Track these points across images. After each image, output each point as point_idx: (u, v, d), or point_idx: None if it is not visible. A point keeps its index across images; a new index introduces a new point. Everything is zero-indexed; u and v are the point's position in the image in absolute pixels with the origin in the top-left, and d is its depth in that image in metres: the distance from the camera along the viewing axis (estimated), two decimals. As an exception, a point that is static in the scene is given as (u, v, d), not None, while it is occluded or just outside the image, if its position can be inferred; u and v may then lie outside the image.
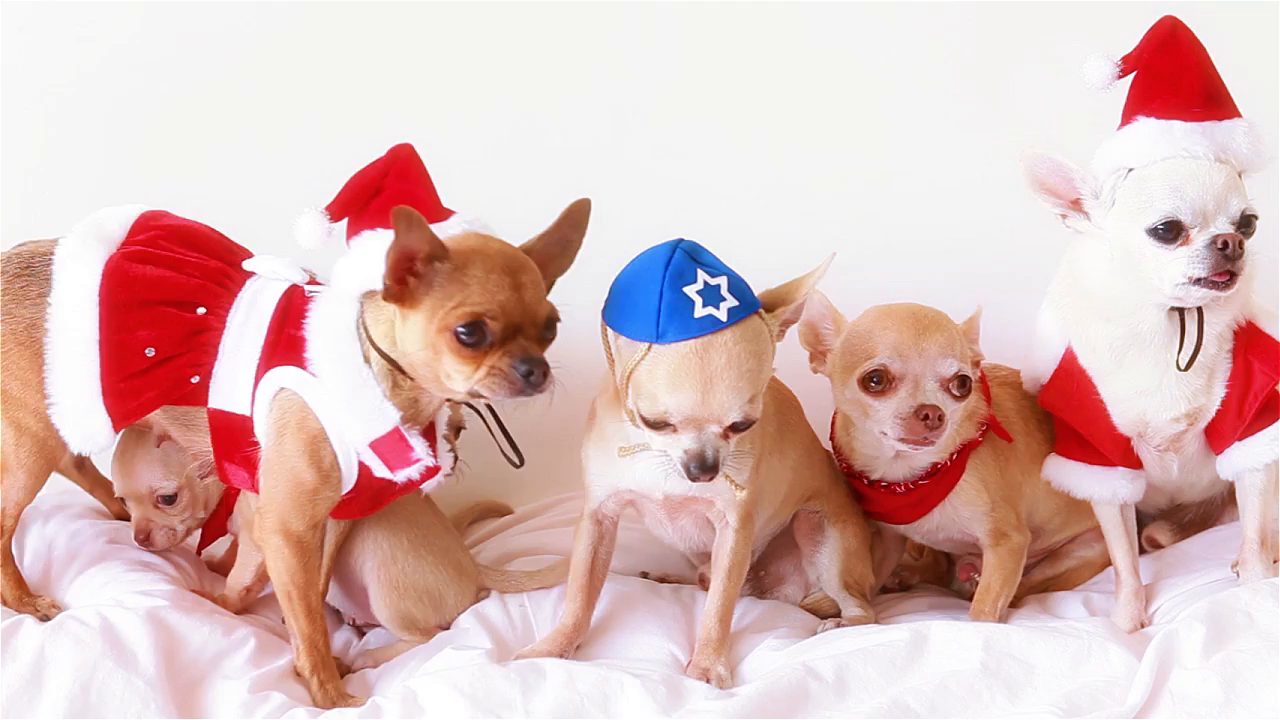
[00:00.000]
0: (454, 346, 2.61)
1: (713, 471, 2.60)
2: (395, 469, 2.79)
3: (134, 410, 2.86)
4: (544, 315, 2.67)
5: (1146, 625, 2.96)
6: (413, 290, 2.63)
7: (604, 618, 2.98)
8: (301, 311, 2.84)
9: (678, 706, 2.64)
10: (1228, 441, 2.95)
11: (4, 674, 2.64)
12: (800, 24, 3.87)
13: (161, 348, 2.83)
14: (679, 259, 2.60)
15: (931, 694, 2.63)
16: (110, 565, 3.05)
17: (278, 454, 2.79)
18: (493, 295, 2.61)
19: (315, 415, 2.76)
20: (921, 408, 2.82)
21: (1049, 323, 3.07)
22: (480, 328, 2.60)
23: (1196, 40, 2.88)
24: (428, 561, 3.05)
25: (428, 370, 2.68)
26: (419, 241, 2.58)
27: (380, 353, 2.75)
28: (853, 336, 2.93)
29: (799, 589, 3.20)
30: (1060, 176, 2.90)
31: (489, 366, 2.61)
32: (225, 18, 3.81)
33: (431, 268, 2.62)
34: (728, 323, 2.56)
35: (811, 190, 3.84)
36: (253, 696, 2.72)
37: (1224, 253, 2.73)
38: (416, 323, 2.65)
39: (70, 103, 3.80)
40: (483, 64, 3.84)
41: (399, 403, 2.76)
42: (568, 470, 3.02)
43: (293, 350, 2.80)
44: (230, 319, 2.86)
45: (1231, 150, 2.81)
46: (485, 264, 2.63)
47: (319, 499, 2.80)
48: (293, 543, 2.79)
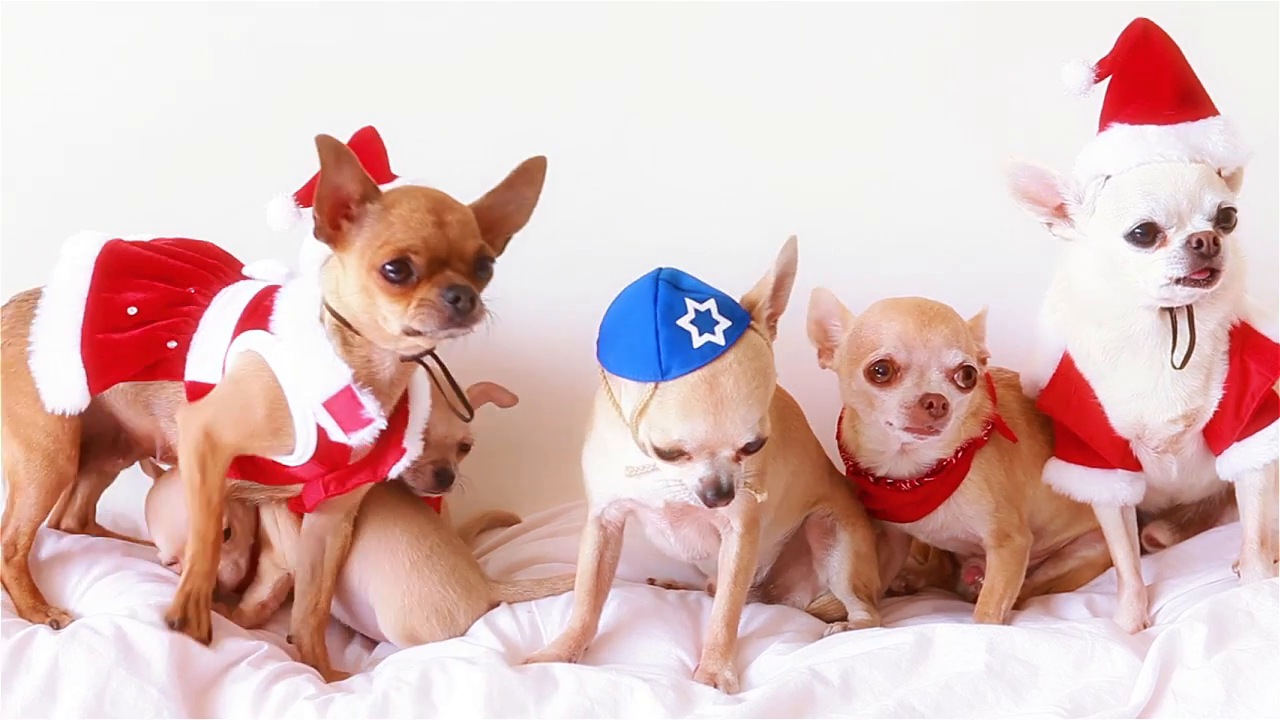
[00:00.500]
0: (383, 285, 2.66)
1: (729, 497, 2.61)
2: (349, 430, 2.82)
3: (110, 368, 2.93)
4: (472, 251, 2.72)
5: (1149, 626, 2.97)
6: (345, 233, 2.70)
7: (612, 623, 3.00)
8: (277, 290, 2.95)
9: (686, 711, 2.65)
10: (1226, 442, 2.96)
11: (19, 684, 2.66)
12: (802, 24, 3.88)
13: (144, 310, 2.93)
14: (665, 293, 2.60)
15: (937, 696, 2.63)
16: (125, 576, 3.06)
17: (234, 386, 2.86)
18: (415, 231, 2.66)
19: (274, 374, 2.82)
20: (926, 396, 2.84)
21: (1047, 327, 3.09)
22: (405, 264, 2.65)
23: (1169, 40, 2.90)
24: (434, 581, 3.05)
25: (366, 317, 2.73)
26: (348, 179, 2.66)
27: (331, 312, 2.81)
28: (859, 329, 2.95)
29: (806, 596, 3.21)
30: (1042, 184, 2.92)
31: (418, 300, 2.66)
32: (231, 27, 3.84)
33: (363, 209, 2.69)
34: (726, 345, 2.57)
35: (812, 191, 3.84)
36: (260, 695, 2.74)
37: (1200, 251, 2.75)
38: (351, 266, 2.71)
39: (72, 127, 3.82)
40: (482, 66, 3.85)
41: (351, 361, 2.80)
42: (574, 479, 3.02)
43: (261, 318, 2.88)
44: (215, 300, 2.96)
45: (1206, 150, 2.83)
46: (410, 203, 2.70)
47: (255, 439, 2.85)
48: (211, 442, 2.84)
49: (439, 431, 3.15)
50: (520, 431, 3.62)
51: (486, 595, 3.11)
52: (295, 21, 3.84)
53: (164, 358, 2.95)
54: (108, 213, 3.24)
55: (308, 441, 2.84)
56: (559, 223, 3.75)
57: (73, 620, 2.89)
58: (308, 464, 2.89)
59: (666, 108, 3.86)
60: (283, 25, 3.84)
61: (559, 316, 3.36)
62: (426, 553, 3.08)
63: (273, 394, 2.83)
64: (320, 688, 2.81)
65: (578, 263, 3.72)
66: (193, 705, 2.71)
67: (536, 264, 3.72)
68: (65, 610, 2.96)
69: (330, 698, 2.73)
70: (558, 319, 3.34)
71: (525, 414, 3.45)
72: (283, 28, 3.84)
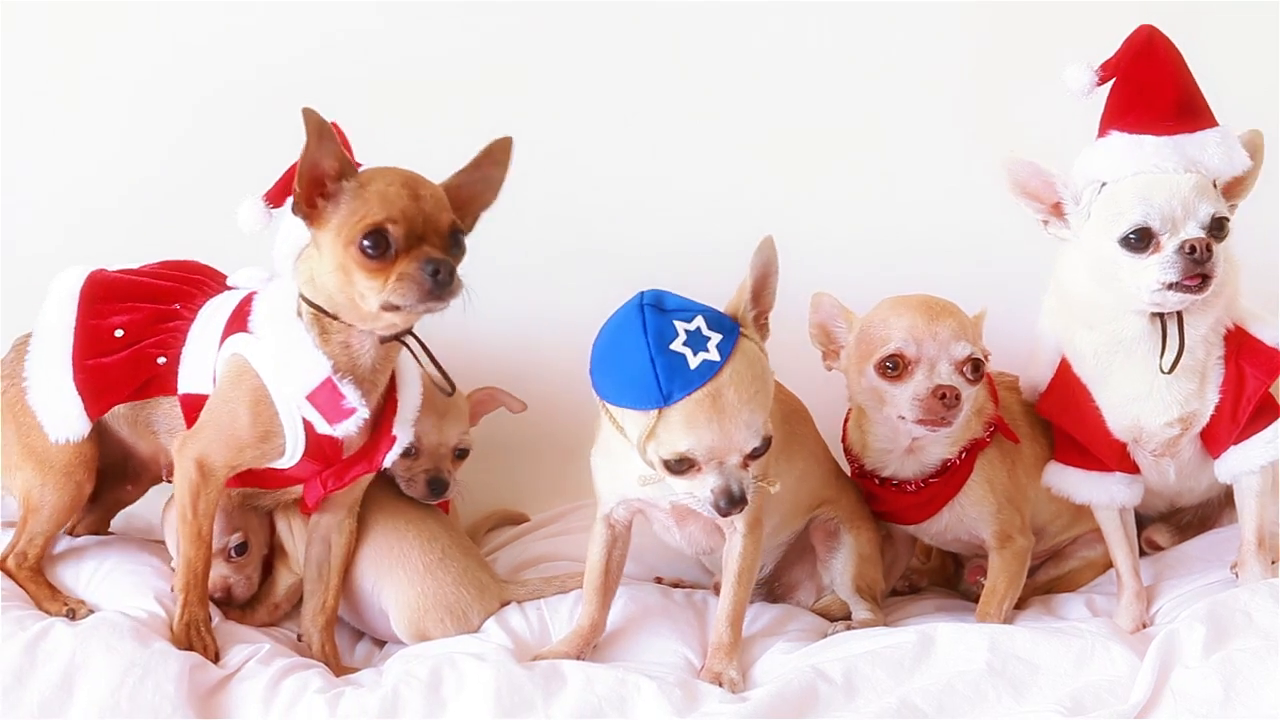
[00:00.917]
0: (361, 261, 2.69)
1: (742, 504, 2.62)
2: (333, 421, 2.84)
3: (104, 392, 2.96)
4: (446, 225, 2.75)
5: (1148, 625, 2.99)
6: (321, 210, 2.73)
7: (619, 622, 3.02)
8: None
9: (692, 709, 2.67)
10: (1224, 446, 2.98)
11: (35, 678, 2.67)
12: (805, 25, 3.88)
13: (131, 331, 2.96)
14: (652, 319, 2.60)
15: (939, 694, 2.65)
16: (140, 570, 3.09)
17: (221, 400, 2.88)
18: (393, 205, 2.69)
19: (257, 373, 2.85)
20: (939, 388, 2.86)
21: (1045, 332, 3.11)
22: (383, 237, 2.68)
23: (1173, 48, 2.91)
24: (448, 583, 3.06)
25: (343, 296, 2.75)
26: (328, 155, 2.69)
27: (307, 302, 2.83)
28: (867, 326, 2.97)
29: (810, 595, 3.23)
30: (1040, 180, 2.94)
31: (397, 274, 2.68)
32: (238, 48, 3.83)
33: (339, 186, 2.72)
34: (722, 360, 2.58)
35: (812, 195, 3.85)
36: (270, 690, 2.76)
37: (1193, 257, 2.78)
38: (327, 245, 2.74)
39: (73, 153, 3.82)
40: (481, 69, 3.84)
41: (330, 351, 2.83)
42: (581, 478, 3.04)
43: (244, 321, 2.91)
44: (201, 312, 2.99)
45: (1202, 162, 2.86)
46: (385, 179, 2.73)
47: (245, 451, 2.87)
48: (204, 472, 2.87)
49: (430, 439, 3.16)
50: (528, 431, 3.61)
51: (498, 595, 3.13)
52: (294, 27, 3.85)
53: (155, 374, 2.97)
54: (113, 249, 3.25)
55: (297, 440, 2.86)
56: (569, 222, 3.81)
57: (89, 610, 2.93)
58: (302, 463, 2.91)
59: (668, 111, 3.87)
60: (282, 25, 3.84)
61: (567, 315, 3.36)
62: (439, 556, 3.09)
63: (258, 394, 2.84)
64: (329, 681, 2.82)
65: (586, 262, 3.73)
66: (203, 705, 2.73)
67: (546, 263, 3.78)
68: (81, 600, 2.98)
69: (340, 691, 2.74)
70: (566, 318, 3.35)
71: (533, 413, 3.45)
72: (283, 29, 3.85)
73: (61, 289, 3.04)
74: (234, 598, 3.13)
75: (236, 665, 2.83)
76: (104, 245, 3.33)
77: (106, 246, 3.29)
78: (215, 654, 2.85)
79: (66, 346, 2.97)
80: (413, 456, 3.16)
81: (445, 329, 2.93)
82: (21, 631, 2.76)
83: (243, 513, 3.15)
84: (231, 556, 3.12)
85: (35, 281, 3.12)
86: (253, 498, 3.13)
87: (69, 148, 3.79)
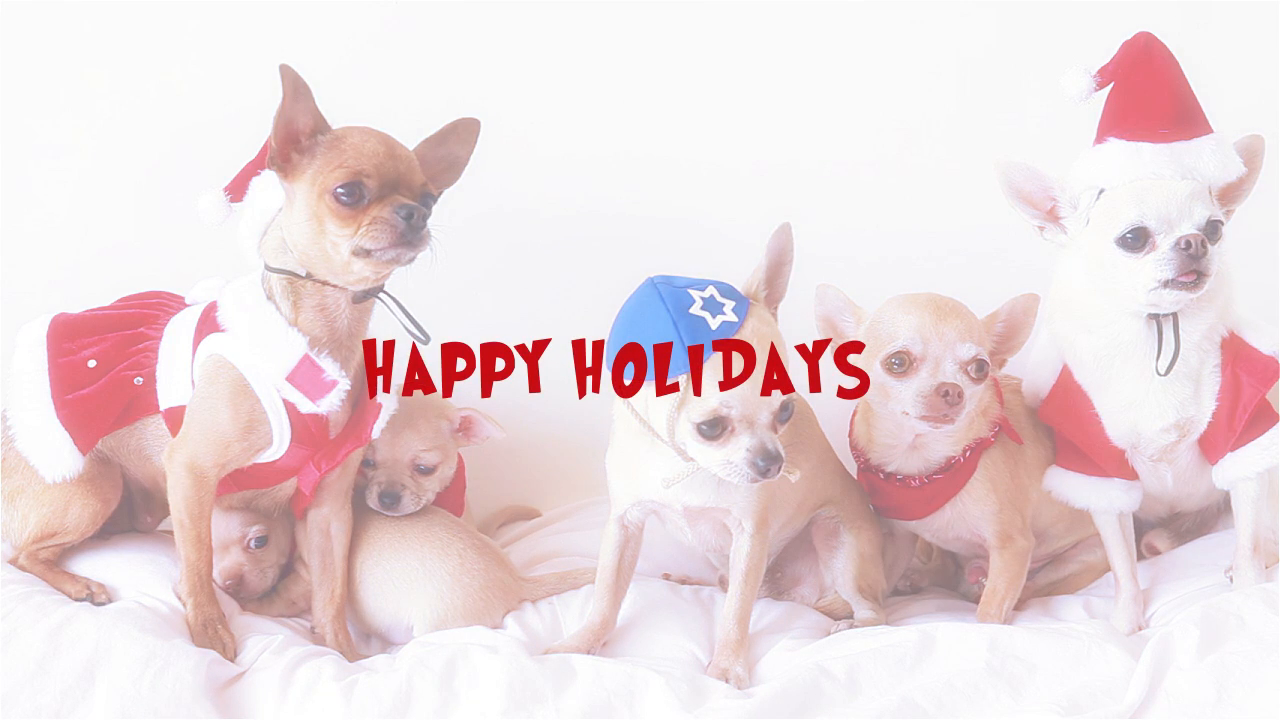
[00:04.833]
0: (334, 209, 2.75)
1: (778, 461, 2.64)
2: (315, 397, 2.87)
3: (89, 423, 2.98)
4: (419, 183, 2.81)
5: (1144, 628, 3.03)
6: (295, 164, 2.79)
7: (628, 618, 3.05)
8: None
9: (699, 704, 2.70)
10: (1221, 452, 3.02)
11: (58, 665, 2.71)
12: (809, 26, 3.89)
13: (103, 360, 3.00)
14: (667, 292, 2.65)
15: (939, 692, 2.69)
16: (159, 559, 3.12)
17: (201, 399, 2.91)
18: (369, 157, 2.76)
19: (234, 366, 2.88)
20: (942, 385, 2.89)
21: (1046, 339, 3.15)
22: (358, 186, 2.75)
23: (1169, 56, 2.94)
24: (474, 589, 3.07)
25: (315, 248, 2.80)
26: (303, 111, 2.76)
27: (278, 271, 2.87)
28: (876, 322, 3.00)
29: (814, 590, 3.26)
30: (1036, 184, 2.98)
31: (370, 218, 2.74)
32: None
33: (314, 141, 2.78)
34: (740, 321, 2.64)
35: (818, 194, 3.86)
36: (284, 681, 2.80)
37: (1188, 252, 2.81)
38: (300, 196, 2.79)
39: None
40: (484, 67, 3.84)
41: (304, 326, 2.86)
42: (592, 474, 3.08)
43: (213, 322, 2.95)
44: (167, 328, 3.03)
45: (1198, 170, 2.89)
46: (361, 134, 2.81)
47: (232, 448, 2.90)
48: (195, 476, 2.91)
49: (384, 452, 3.15)
50: (540, 427, 3.65)
51: (519, 593, 3.15)
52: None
53: (135, 395, 3.00)
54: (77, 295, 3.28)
55: (282, 426, 2.89)
56: (584, 214, 3.80)
57: (108, 595, 2.97)
58: (291, 450, 2.93)
59: (677, 111, 3.88)
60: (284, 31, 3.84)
61: (579, 309, 3.40)
62: (458, 562, 3.10)
63: (236, 386, 2.88)
64: (343, 668, 2.85)
65: (598, 255, 3.75)
66: (220, 696, 2.77)
67: (558, 255, 3.78)
68: (101, 584, 3.01)
69: (354, 680, 2.77)
70: (578, 312, 3.39)
71: (545, 409, 3.40)
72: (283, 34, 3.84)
73: (28, 338, 3.06)
74: (246, 587, 3.15)
75: (253, 658, 2.87)
76: (66, 294, 3.34)
77: (70, 294, 3.31)
78: (234, 652, 2.89)
79: (44, 387, 3.00)
80: (372, 467, 3.18)
81: (457, 326, 2.98)
82: (45, 619, 2.80)
83: (269, 515, 3.18)
84: (250, 547, 3.15)
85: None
86: (249, 501, 3.15)
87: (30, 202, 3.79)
